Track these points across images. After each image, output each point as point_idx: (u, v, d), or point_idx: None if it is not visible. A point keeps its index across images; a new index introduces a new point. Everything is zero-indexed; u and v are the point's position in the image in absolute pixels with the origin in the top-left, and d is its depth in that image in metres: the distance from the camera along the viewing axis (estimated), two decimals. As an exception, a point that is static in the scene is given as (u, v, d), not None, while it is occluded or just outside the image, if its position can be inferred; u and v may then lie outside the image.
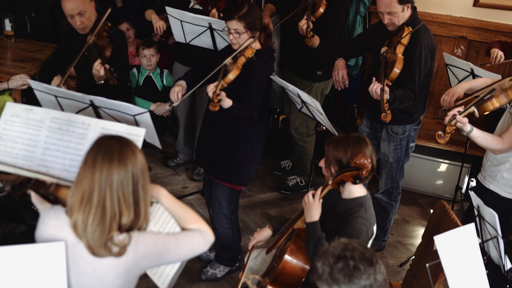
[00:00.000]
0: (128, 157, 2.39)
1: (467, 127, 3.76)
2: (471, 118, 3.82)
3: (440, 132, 3.78)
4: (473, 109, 3.81)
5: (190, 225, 2.75)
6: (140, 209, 2.44)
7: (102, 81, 4.17)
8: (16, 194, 2.65)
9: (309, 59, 5.25)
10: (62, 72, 4.47)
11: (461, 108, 3.79)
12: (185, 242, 2.66)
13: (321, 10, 4.95)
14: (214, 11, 5.01)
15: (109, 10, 4.26)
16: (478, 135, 3.82)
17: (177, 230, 3.33)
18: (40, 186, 2.76)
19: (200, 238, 2.70)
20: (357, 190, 3.37)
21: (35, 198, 2.79)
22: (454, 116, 3.73)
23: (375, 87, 4.07)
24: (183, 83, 4.17)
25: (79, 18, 4.34)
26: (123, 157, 2.38)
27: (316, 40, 4.90)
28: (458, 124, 3.73)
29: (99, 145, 2.41)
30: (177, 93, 4.05)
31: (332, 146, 3.31)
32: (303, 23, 4.80)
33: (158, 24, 5.19)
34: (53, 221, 2.51)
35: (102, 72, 4.08)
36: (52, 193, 2.74)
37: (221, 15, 4.97)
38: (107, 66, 4.10)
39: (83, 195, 2.38)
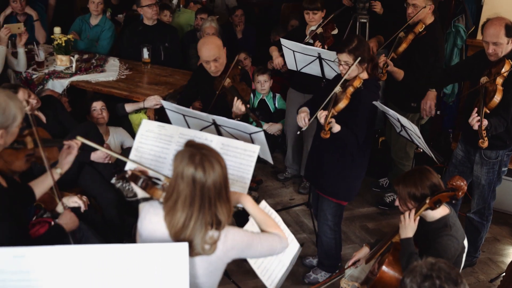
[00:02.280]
0: (210, 164, 2.41)
1: None
2: None
3: None
4: None
5: (270, 229, 2.78)
6: (223, 209, 2.47)
7: (239, 118, 4.28)
8: (118, 175, 2.77)
9: (405, 91, 5.16)
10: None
11: None
12: (266, 242, 2.69)
13: (404, 45, 4.92)
14: (318, 43, 5.04)
15: (237, 57, 4.42)
16: None
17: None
18: (137, 179, 2.79)
19: (278, 242, 2.73)
20: (439, 211, 3.29)
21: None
22: None
23: (475, 120, 3.92)
24: (307, 109, 4.18)
25: (214, 64, 4.46)
26: (209, 163, 2.40)
27: (398, 75, 4.87)
28: None
29: (187, 155, 2.43)
30: (304, 118, 4.08)
31: (402, 184, 3.28)
32: (381, 60, 4.77)
33: (277, 61, 5.35)
34: (154, 218, 2.55)
35: (243, 109, 4.25)
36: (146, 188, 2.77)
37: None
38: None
39: (173, 198, 2.44)
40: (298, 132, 4.25)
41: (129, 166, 3.22)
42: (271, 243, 2.71)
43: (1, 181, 2.70)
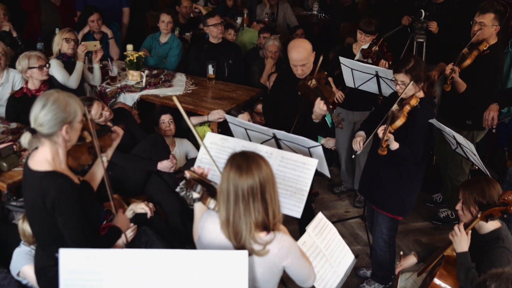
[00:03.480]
0: (253, 168, 2.44)
1: None
2: None
3: None
4: None
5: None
6: (268, 211, 2.48)
7: (318, 120, 4.22)
8: (177, 175, 2.81)
9: (461, 108, 5.04)
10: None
11: None
12: (307, 265, 2.70)
13: (468, 62, 4.80)
14: (383, 61, 5.00)
15: (321, 57, 4.34)
16: None
17: (340, 249, 3.33)
18: (194, 186, 2.82)
19: (313, 273, 2.74)
20: (492, 224, 3.24)
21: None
22: None
23: None
24: (362, 133, 4.16)
25: (301, 68, 4.38)
26: (249, 169, 2.43)
27: (461, 86, 4.77)
28: None
29: (231, 161, 2.49)
30: (359, 142, 4.06)
31: (469, 190, 3.28)
32: (449, 67, 4.68)
33: (339, 94, 5.28)
34: (211, 226, 2.59)
35: (325, 108, 4.08)
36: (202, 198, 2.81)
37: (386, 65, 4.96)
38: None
39: (225, 205, 2.47)
40: (353, 156, 4.20)
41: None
42: (309, 269, 2.72)
43: (74, 178, 2.77)
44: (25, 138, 2.67)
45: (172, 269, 2.34)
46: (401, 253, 3.82)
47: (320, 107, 4.06)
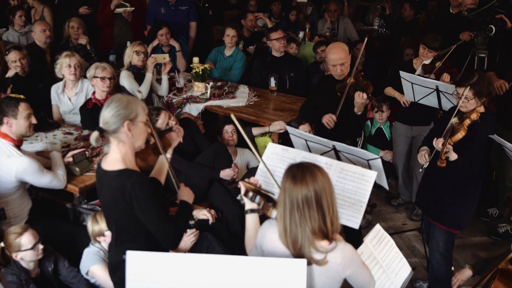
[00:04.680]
0: (308, 179, 2.42)
1: None
2: None
3: None
4: None
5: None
6: (326, 219, 2.45)
7: (360, 112, 4.49)
8: (231, 186, 2.85)
9: None
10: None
11: None
12: (368, 274, 2.66)
13: None
14: (446, 75, 4.89)
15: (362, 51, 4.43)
16: None
17: (397, 261, 3.25)
18: (253, 196, 2.82)
19: (372, 280, 2.70)
20: None
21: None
22: None
23: None
24: (427, 148, 4.07)
25: (340, 67, 4.54)
26: (304, 179, 2.42)
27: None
28: None
29: (288, 172, 2.48)
30: (424, 155, 3.98)
31: None
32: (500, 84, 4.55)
33: (403, 99, 5.18)
34: (273, 236, 2.57)
35: (365, 97, 4.38)
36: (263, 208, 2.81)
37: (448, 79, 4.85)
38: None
39: (282, 214, 2.46)
40: (421, 170, 4.11)
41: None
42: (370, 277, 2.68)
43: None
44: (93, 136, 2.78)
45: (232, 274, 2.34)
46: (452, 268, 3.71)
47: (359, 96, 4.36)
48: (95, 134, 2.77)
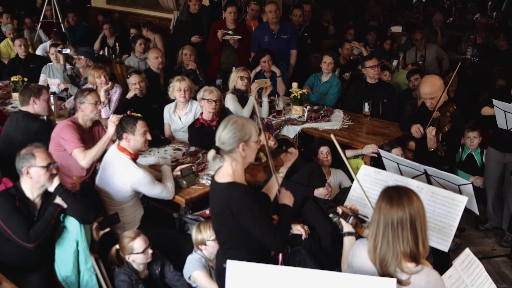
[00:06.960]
0: (404, 201, 2.36)
1: None
2: None
3: None
4: None
5: None
6: (418, 242, 2.37)
7: (432, 149, 4.25)
8: (330, 210, 2.86)
9: None
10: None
11: None
12: None
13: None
14: None
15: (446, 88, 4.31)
16: None
17: (486, 286, 3.09)
18: (347, 217, 2.82)
19: None
20: None
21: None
22: None
23: None
24: None
25: (430, 101, 4.41)
26: (400, 201, 2.36)
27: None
28: None
29: (384, 193, 2.44)
30: None
31: None
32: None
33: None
34: (363, 253, 2.52)
35: (433, 133, 4.24)
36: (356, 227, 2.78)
37: None
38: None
39: (374, 232, 2.41)
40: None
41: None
42: None
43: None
44: (210, 154, 2.88)
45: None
46: None
47: (429, 132, 4.22)
48: (212, 152, 2.86)
